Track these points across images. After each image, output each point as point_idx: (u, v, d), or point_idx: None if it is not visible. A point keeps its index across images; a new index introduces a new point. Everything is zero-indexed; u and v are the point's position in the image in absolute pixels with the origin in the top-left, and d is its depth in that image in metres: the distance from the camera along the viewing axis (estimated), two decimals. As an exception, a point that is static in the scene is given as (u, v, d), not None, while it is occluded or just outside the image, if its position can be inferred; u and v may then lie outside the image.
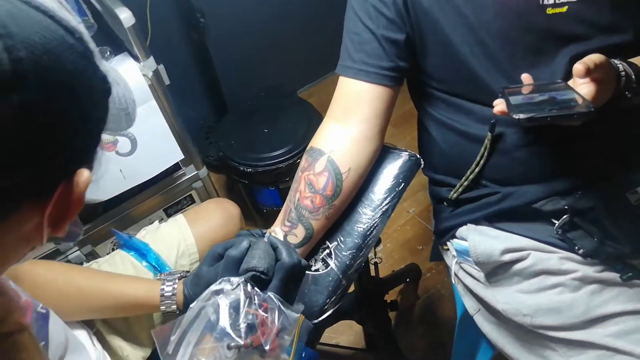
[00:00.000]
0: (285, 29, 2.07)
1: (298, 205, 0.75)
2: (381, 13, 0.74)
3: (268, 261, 0.64)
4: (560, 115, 0.58)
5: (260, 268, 0.62)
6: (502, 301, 0.77)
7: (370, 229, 0.78)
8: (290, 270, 0.66)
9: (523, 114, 0.58)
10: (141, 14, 1.63)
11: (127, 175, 1.19)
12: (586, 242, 0.72)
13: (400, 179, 0.81)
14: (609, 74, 0.62)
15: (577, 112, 0.57)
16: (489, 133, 0.74)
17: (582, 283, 0.71)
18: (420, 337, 1.48)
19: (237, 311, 0.59)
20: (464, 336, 1.02)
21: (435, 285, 1.59)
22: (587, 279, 0.71)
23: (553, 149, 0.74)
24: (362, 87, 0.77)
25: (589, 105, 0.58)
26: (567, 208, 0.72)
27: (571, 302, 0.70)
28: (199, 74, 1.97)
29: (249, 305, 0.59)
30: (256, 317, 0.59)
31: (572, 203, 0.72)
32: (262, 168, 1.51)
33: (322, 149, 0.76)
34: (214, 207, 1.02)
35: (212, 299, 0.60)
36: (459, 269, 0.87)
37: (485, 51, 0.71)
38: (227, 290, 0.60)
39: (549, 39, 0.69)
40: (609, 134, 0.72)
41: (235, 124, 1.66)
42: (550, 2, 0.67)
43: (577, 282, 0.71)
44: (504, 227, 0.78)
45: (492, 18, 0.69)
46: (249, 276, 0.61)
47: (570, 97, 0.60)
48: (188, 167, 1.36)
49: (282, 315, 0.62)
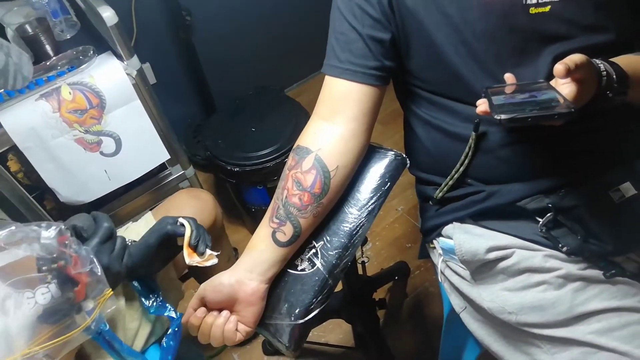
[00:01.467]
0: (273, 28, 2.06)
1: (286, 202, 0.74)
2: (366, 13, 0.74)
3: (89, 222, 0.74)
4: (541, 116, 0.58)
5: (79, 223, 0.72)
6: (487, 299, 0.77)
7: (357, 229, 0.78)
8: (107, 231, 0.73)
9: (505, 114, 0.58)
10: (126, 13, 1.62)
11: (112, 176, 1.18)
12: (570, 240, 0.73)
13: (387, 179, 0.81)
14: (591, 74, 0.62)
15: (558, 112, 0.58)
16: (473, 132, 0.74)
17: (566, 281, 0.71)
18: (409, 334, 1.49)
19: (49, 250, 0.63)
20: (451, 334, 1.03)
21: (423, 283, 1.60)
22: (570, 276, 0.72)
23: (537, 148, 0.74)
24: (349, 86, 0.76)
25: (570, 106, 0.58)
26: (551, 206, 0.73)
27: (555, 300, 0.70)
28: (187, 73, 1.96)
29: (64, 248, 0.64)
30: (70, 257, 0.64)
31: (555, 201, 0.73)
32: (250, 167, 1.50)
33: (310, 147, 0.76)
34: (186, 197, 1.02)
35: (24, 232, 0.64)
36: (445, 267, 0.87)
37: (470, 51, 0.71)
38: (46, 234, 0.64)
39: (532, 38, 0.69)
40: (592, 133, 0.73)
41: (222, 123, 1.65)
42: (533, 2, 0.67)
43: (560, 280, 0.71)
44: (489, 225, 0.79)
45: (477, 18, 0.69)
46: (70, 224, 0.70)
47: (552, 97, 0.61)
48: (174, 166, 1.35)
49: (92, 268, 0.67)
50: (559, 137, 0.72)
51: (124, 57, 1.11)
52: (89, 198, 1.19)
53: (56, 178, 1.12)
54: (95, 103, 1.08)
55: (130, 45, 1.11)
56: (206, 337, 0.71)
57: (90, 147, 1.12)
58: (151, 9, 1.72)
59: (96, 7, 1.04)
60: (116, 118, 1.12)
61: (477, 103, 0.66)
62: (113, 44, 1.09)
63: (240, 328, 0.72)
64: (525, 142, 0.74)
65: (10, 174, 1.09)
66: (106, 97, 1.09)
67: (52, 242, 0.62)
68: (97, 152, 1.14)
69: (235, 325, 0.71)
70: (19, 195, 1.13)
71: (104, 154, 1.15)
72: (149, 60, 1.81)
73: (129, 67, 1.11)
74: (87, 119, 1.09)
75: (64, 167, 1.11)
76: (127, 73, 1.10)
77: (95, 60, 1.09)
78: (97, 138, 1.12)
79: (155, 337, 0.95)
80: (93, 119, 1.10)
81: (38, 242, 0.62)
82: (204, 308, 0.72)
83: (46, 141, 1.06)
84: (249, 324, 0.72)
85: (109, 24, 1.04)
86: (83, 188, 1.17)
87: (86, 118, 1.09)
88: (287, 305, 0.75)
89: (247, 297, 0.71)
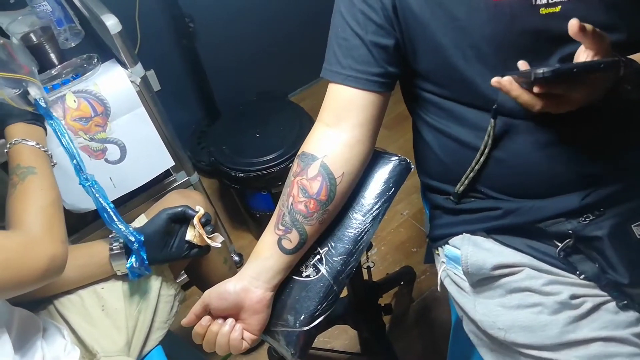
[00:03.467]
0: (275, 33, 2.07)
1: (292, 209, 0.74)
2: (369, 18, 0.73)
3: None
4: (587, 65, 0.55)
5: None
6: (480, 312, 0.77)
7: (361, 234, 0.77)
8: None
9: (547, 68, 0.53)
10: (130, 21, 1.63)
11: (117, 183, 1.18)
12: (587, 268, 0.72)
13: (391, 184, 0.80)
14: (609, 50, 0.60)
15: (604, 61, 0.55)
16: (492, 120, 0.71)
17: (563, 307, 0.70)
18: (415, 340, 1.48)
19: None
20: (458, 340, 1.02)
21: (429, 287, 1.59)
22: (568, 305, 0.70)
23: (556, 159, 0.72)
24: (352, 93, 0.76)
25: (614, 55, 0.56)
26: (572, 233, 0.72)
27: (546, 324, 0.69)
28: (191, 79, 1.97)
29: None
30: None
31: (578, 229, 0.71)
32: (254, 173, 1.50)
33: (315, 154, 0.75)
34: (178, 197, 1.06)
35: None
36: (445, 275, 0.86)
37: (479, 54, 0.69)
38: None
39: (543, 39, 0.68)
40: (616, 157, 0.71)
41: (226, 129, 1.66)
42: (544, 2, 0.66)
43: (557, 306, 0.70)
44: (503, 239, 0.77)
45: (486, 21, 0.68)
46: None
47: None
48: (179, 173, 1.35)
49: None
50: (582, 158, 0.71)
51: (128, 65, 1.11)
52: (94, 206, 1.18)
53: (60, 185, 1.11)
54: (100, 111, 1.09)
55: (134, 52, 1.12)
56: (212, 345, 0.71)
57: (95, 155, 1.13)
58: (155, 17, 1.73)
59: (100, 16, 1.04)
60: (121, 125, 1.12)
61: (493, 80, 0.61)
62: (117, 51, 1.10)
63: (245, 336, 0.71)
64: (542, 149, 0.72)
65: (15, 182, 1.10)
66: (111, 105, 1.09)
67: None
68: (102, 159, 1.14)
69: (241, 333, 0.71)
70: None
71: (108, 162, 1.15)
72: (153, 67, 1.82)
73: (133, 75, 1.12)
74: (92, 127, 1.09)
75: (68, 174, 1.11)
76: (131, 80, 1.10)
77: (100, 68, 1.10)
78: (102, 145, 1.12)
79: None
80: (98, 127, 1.10)
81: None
82: (209, 316, 0.71)
83: (51, 149, 1.06)
84: (254, 332, 0.72)
85: (112, 32, 1.04)
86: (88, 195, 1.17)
87: (91, 126, 1.09)
88: (292, 312, 0.74)
89: (253, 304, 0.70)
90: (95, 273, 0.92)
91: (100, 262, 0.92)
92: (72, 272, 0.87)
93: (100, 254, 0.92)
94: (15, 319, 0.76)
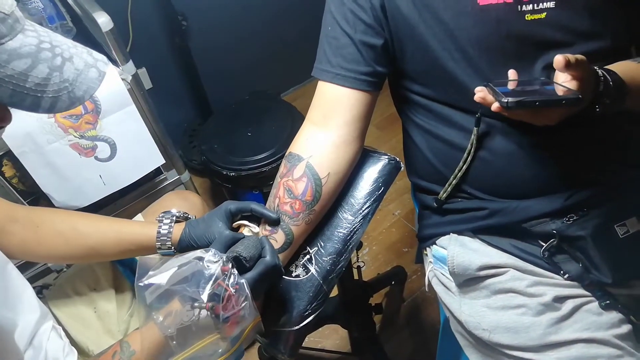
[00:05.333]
0: (269, 32, 2.06)
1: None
2: (359, 18, 0.74)
3: (253, 252, 0.67)
4: (549, 100, 0.58)
5: (244, 254, 0.66)
6: (466, 312, 0.77)
7: (351, 234, 0.78)
8: (270, 268, 0.67)
9: (512, 98, 0.58)
10: (122, 19, 1.62)
11: (107, 181, 1.17)
12: (571, 267, 0.73)
13: (380, 183, 0.81)
14: (589, 74, 0.62)
15: (565, 97, 0.58)
16: (475, 128, 0.73)
17: (546, 309, 0.71)
18: (406, 340, 1.48)
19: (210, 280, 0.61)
20: (447, 340, 1.02)
21: (420, 287, 1.59)
22: (551, 306, 0.71)
23: (538, 161, 0.73)
24: (341, 91, 0.76)
25: (576, 93, 0.58)
26: (556, 233, 0.72)
27: (530, 325, 0.70)
28: (183, 78, 1.96)
29: (222, 280, 0.62)
30: (225, 291, 0.62)
31: (561, 229, 0.72)
32: (246, 172, 1.50)
33: (301, 154, 0.76)
34: (175, 199, 1.04)
35: (193, 262, 0.63)
36: (433, 275, 0.87)
37: (465, 57, 0.70)
38: (209, 259, 0.63)
39: (528, 44, 0.69)
40: (598, 158, 0.72)
41: (218, 128, 1.65)
42: (529, 9, 0.67)
43: (541, 307, 0.71)
44: (489, 240, 0.78)
45: (472, 25, 0.69)
46: (232, 256, 0.65)
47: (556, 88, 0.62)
48: (170, 171, 1.34)
49: (246, 304, 0.63)
50: (563, 157, 0.72)
51: (119, 63, 1.11)
52: (84, 203, 1.18)
53: (51, 183, 1.11)
54: (90, 108, 1.08)
55: (126, 50, 1.11)
56: None
57: (85, 152, 1.12)
58: (147, 14, 1.72)
59: (92, 13, 1.04)
60: (111, 123, 1.12)
61: (476, 90, 0.65)
62: (108, 49, 1.09)
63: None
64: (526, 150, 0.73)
65: (4, 179, 1.09)
66: (101, 102, 1.09)
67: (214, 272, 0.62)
68: (92, 157, 1.13)
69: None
70: (14, 200, 1.12)
71: (98, 159, 1.14)
72: (145, 65, 1.81)
73: (124, 73, 1.11)
74: (82, 124, 1.09)
75: (58, 172, 1.11)
76: (122, 78, 1.10)
77: (91, 66, 1.09)
78: (92, 143, 1.12)
79: None
80: (88, 124, 1.09)
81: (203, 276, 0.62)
82: None
83: (41, 146, 1.05)
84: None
85: (104, 30, 1.04)
86: (78, 193, 1.16)
87: (81, 123, 1.09)
88: (282, 311, 0.75)
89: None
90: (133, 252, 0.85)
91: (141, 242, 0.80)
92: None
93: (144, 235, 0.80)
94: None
